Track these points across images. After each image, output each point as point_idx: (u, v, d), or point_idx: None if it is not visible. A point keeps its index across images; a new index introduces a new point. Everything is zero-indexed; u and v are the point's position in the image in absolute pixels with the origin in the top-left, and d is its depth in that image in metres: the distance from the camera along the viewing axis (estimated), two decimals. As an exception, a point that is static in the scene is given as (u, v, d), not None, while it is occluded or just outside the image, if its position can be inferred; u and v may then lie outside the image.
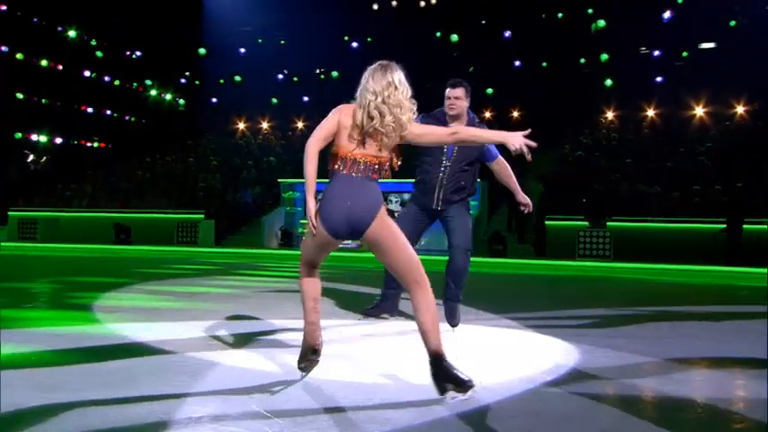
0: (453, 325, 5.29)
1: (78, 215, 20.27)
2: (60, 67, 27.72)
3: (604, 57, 24.04)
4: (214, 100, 29.12)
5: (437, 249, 11.85)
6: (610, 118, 23.59)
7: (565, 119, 22.27)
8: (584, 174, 18.29)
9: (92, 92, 28.56)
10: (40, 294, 7.93)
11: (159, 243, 17.46)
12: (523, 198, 5.38)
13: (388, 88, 3.48)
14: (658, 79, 24.13)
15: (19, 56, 26.48)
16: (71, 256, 15.52)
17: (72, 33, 27.73)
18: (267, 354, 4.31)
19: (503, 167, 5.45)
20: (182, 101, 30.86)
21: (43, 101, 27.52)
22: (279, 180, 20.01)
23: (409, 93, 3.56)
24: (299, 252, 3.82)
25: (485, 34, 25.24)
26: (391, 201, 17.56)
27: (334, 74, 26.28)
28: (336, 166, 3.54)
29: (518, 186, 5.43)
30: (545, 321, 6.01)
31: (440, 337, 3.39)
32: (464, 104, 5.27)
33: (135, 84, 29.49)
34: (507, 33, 25.35)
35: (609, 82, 24.05)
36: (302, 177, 3.51)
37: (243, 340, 4.80)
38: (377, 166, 3.54)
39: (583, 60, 24.75)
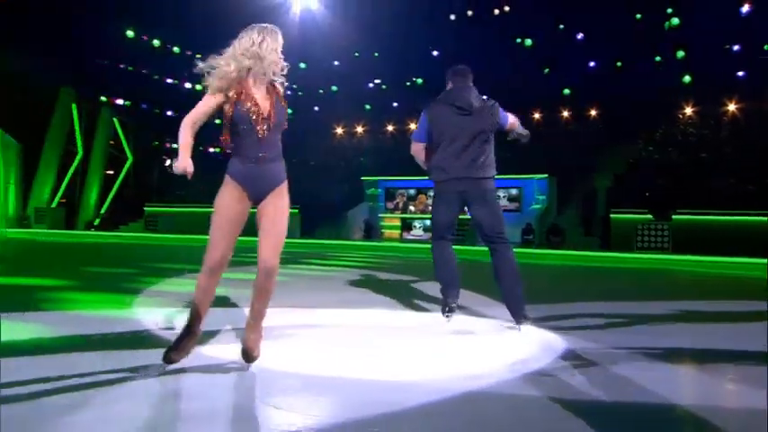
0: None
1: (190, 210, 21.21)
2: (188, 86, 29.16)
3: (681, 54, 21.95)
4: (316, 108, 29.48)
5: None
6: (688, 114, 21.54)
7: (641, 116, 20.61)
8: (652, 168, 16.78)
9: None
10: (108, 278, 7.98)
11: (251, 234, 17.81)
12: None
13: None
14: (740, 74, 21.71)
15: (155, 76, 28.17)
16: (172, 244, 16.08)
17: (198, 55, 29.14)
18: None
19: None
20: (289, 110, 31.58)
21: (175, 114, 29.09)
22: (362, 178, 19.89)
23: None
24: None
25: (559, 37, 23.81)
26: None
27: (419, 81, 25.90)
28: None
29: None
30: (555, 314, 5.24)
31: None
32: None
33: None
34: (580, 36, 23.75)
35: (687, 78, 21.96)
36: (388, 175, 3.23)
37: (231, 331, 4.43)
38: None
39: (658, 58, 22.68)
